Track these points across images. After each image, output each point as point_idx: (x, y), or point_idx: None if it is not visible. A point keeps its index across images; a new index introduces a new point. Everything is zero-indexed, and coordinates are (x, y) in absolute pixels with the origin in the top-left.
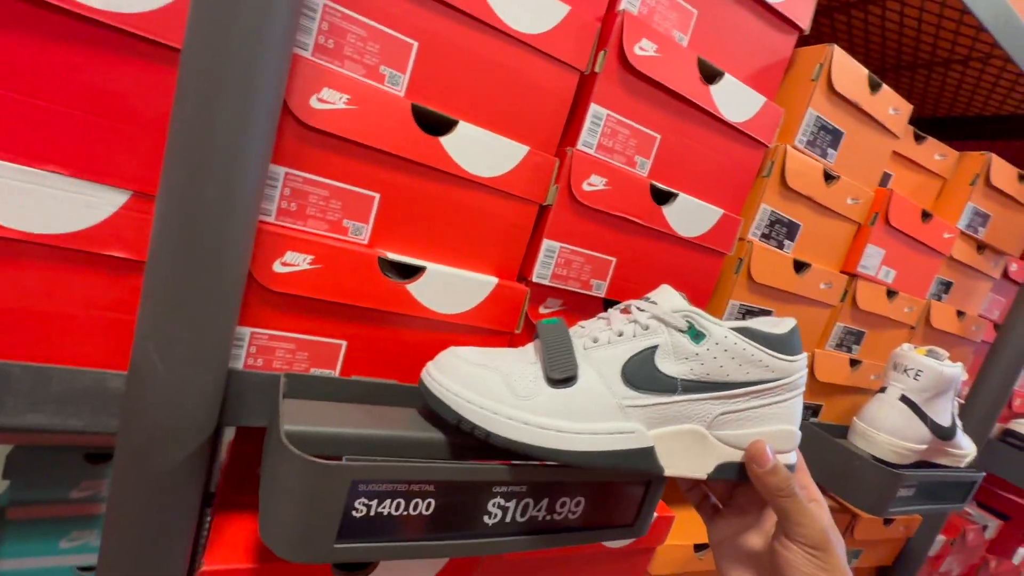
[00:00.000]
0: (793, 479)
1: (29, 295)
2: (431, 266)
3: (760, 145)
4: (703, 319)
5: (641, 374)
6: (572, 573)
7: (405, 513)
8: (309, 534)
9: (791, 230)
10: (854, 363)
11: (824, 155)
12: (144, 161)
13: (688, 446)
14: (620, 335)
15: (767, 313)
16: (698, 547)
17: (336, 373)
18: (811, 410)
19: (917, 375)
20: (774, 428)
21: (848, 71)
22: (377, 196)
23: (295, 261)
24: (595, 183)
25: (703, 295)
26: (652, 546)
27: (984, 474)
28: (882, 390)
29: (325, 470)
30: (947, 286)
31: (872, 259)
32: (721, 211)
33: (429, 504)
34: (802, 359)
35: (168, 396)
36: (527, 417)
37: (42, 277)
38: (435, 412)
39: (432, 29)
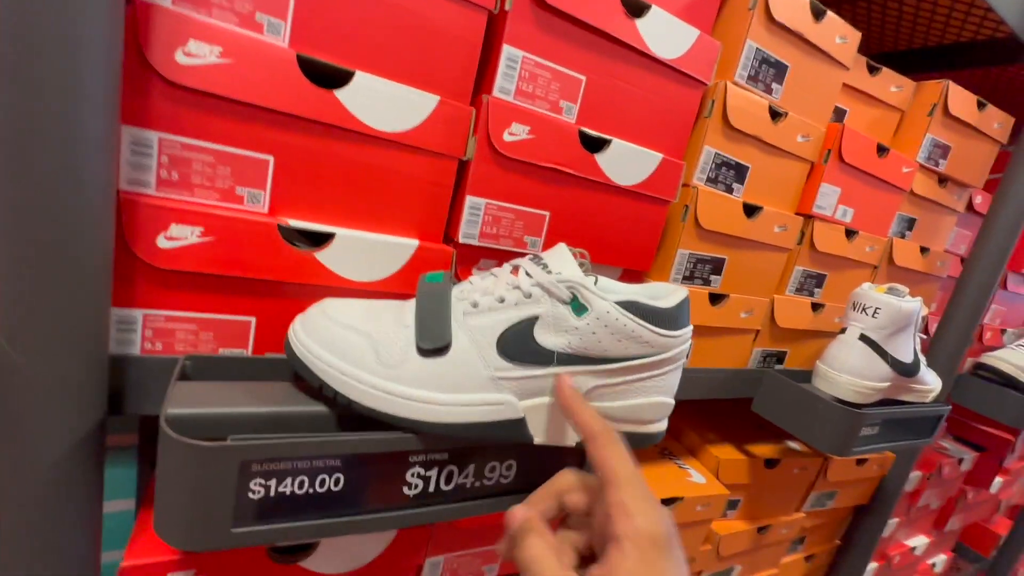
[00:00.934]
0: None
1: None
2: (341, 231)
3: (698, 83)
4: (588, 291)
5: (517, 345)
6: None
7: (311, 491)
8: (203, 521)
9: (739, 172)
10: (816, 307)
11: (769, 90)
12: None
13: (559, 416)
14: (501, 301)
15: (720, 262)
16: (667, 501)
17: (249, 352)
18: (775, 357)
19: (875, 313)
20: (648, 400)
21: None
22: (271, 159)
23: (181, 235)
24: (517, 132)
25: (649, 246)
26: None
27: (949, 407)
28: (842, 331)
29: (207, 452)
30: (910, 223)
31: (828, 198)
32: (661, 156)
33: (338, 480)
34: (686, 332)
35: (36, 390)
36: (391, 387)
37: None
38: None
39: None
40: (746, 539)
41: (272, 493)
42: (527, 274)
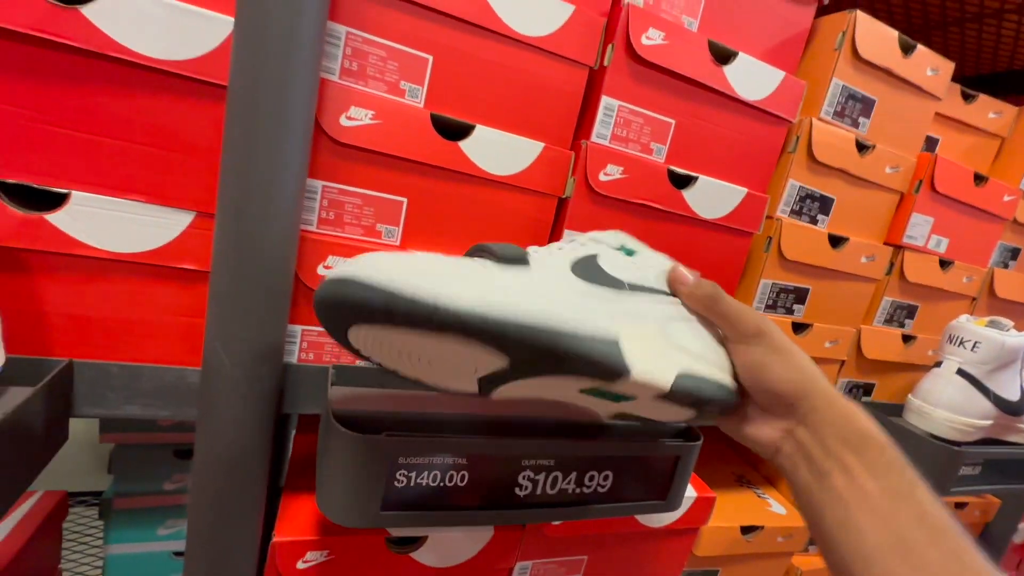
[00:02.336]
0: (717, 286)
1: (119, 305)
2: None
3: (782, 121)
4: (634, 242)
5: (589, 271)
6: (618, 554)
7: (441, 485)
8: (358, 502)
9: (824, 204)
10: (907, 339)
11: (856, 124)
12: (204, 185)
13: (650, 346)
14: (560, 249)
15: (803, 292)
16: (745, 529)
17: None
18: (862, 389)
19: (975, 347)
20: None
21: (875, 35)
22: (405, 201)
23: (335, 264)
24: (611, 173)
25: (732, 275)
26: (695, 526)
27: None
28: (937, 364)
29: (369, 443)
30: (1014, 252)
31: (919, 228)
32: (745, 190)
33: (463, 476)
34: None
35: (234, 386)
36: (482, 290)
37: (129, 289)
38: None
39: (445, 43)
40: None
41: (412, 483)
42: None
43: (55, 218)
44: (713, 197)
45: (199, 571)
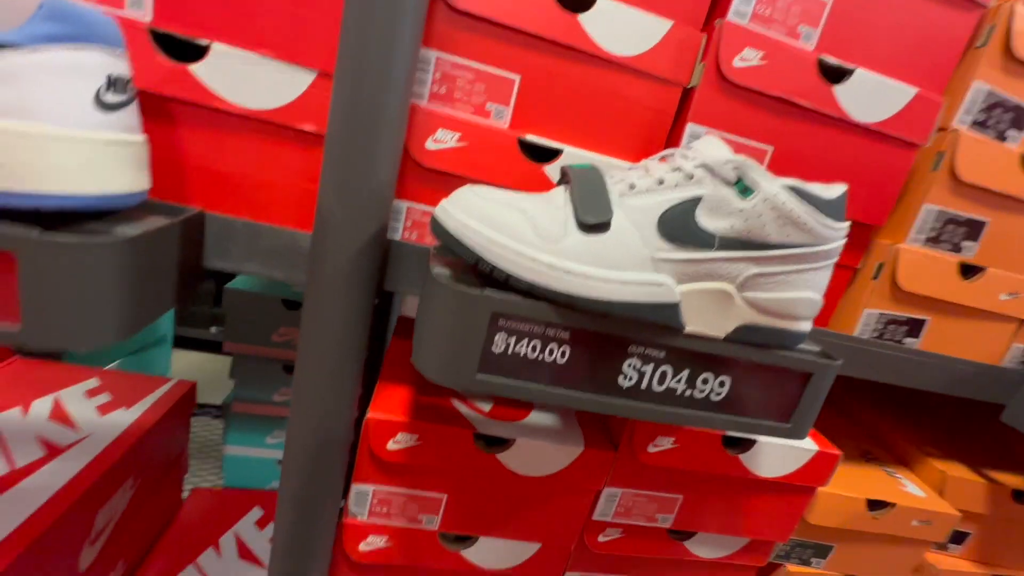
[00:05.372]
0: None
1: (246, 162)
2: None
3: (975, 5)
4: (755, 173)
5: (678, 227)
6: (717, 502)
7: (540, 357)
8: (455, 361)
9: (1019, 117)
10: None
11: None
12: (327, 43)
13: (713, 305)
14: (660, 183)
15: (978, 225)
16: (873, 504)
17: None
18: None
19: None
20: (800, 295)
21: None
22: (517, 79)
23: (444, 138)
24: (748, 58)
25: (887, 197)
26: (811, 485)
27: None
28: None
29: (469, 298)
30: None
31: None
32: (914, 90)
33: (564, 352)
34: (845, 228)
35: (343, 243)
36: (552, 261)
37: (255, 147)
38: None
39: None
40: None
41: (510, 351)
42: (684, 157)
43: (196, 69)
44: (872, 96)
45: (304, 425)
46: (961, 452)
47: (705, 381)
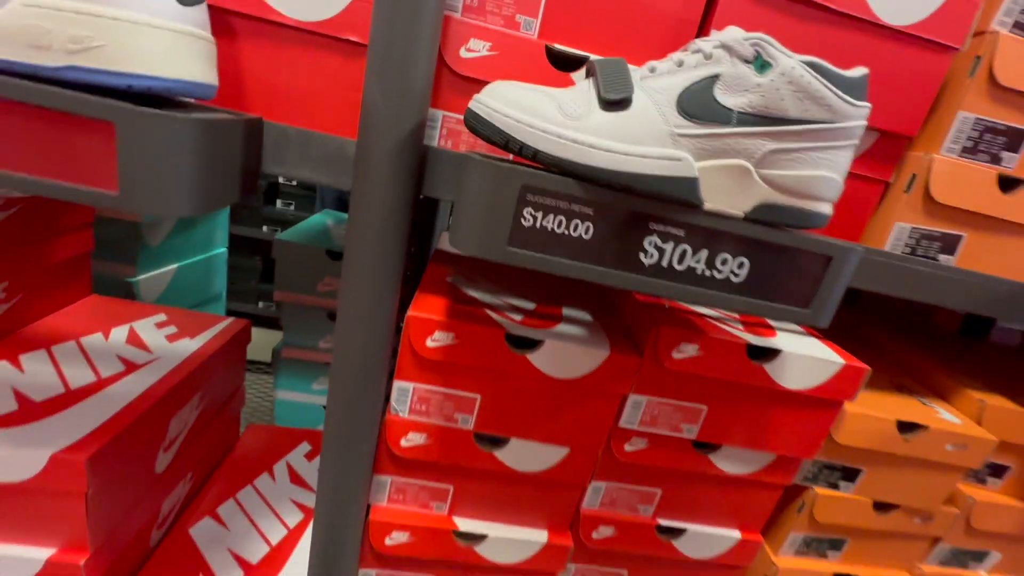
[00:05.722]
0: None
1: (297, 73)
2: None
3: None
4: (773, 48)
5: (697, 103)
6: (741, 411)
7: (566, 232)
8: (488, 234)
9: None
10: None
11: None
12: None
13: (731, 182)
14: (680, 65)
15: (1019, 134)
16: (904, 427)
17: None
18: None
19: None
20: (819, 173)
21: None
22: None
23: (476, 47)
24: None
25: (919, 105)
26: (838, 398)
27: None
28: None
29: (500, 171)
30: None
31: None
32: None
33: (588, 228)
34: (866, 109)
35: (385, 144)
36: (576, 135)
37: (305, 58)
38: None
39: None
40: (1012, 518)
41: (538, 225)
42: (705, 41)
43: None
44: None
45: (352, 319)
46: (1001, 387)
47: (724, 262)
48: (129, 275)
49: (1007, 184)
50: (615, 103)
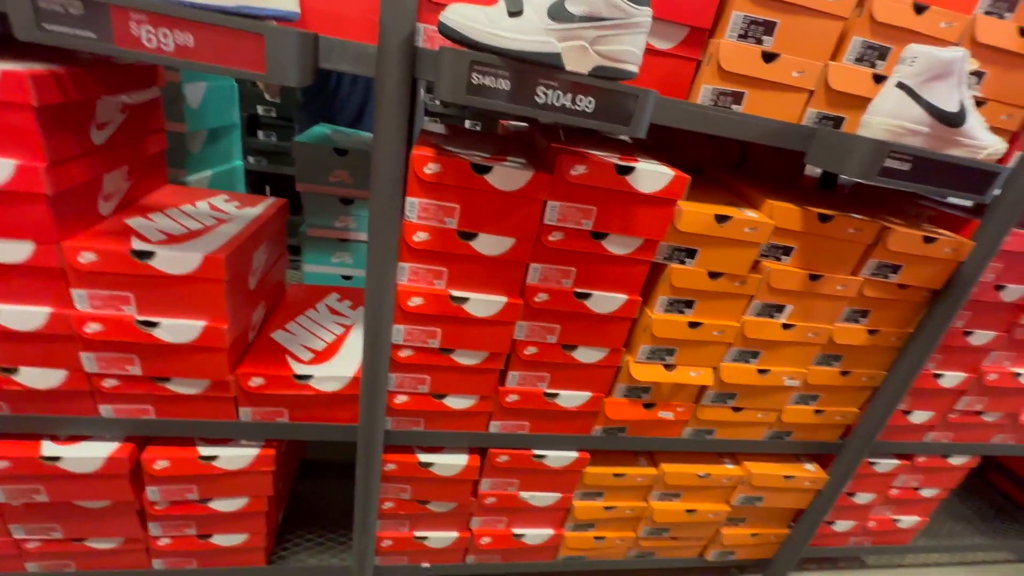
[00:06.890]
0: None
1: (338, 2)
2: None
3: None
4: None
5: (556, 11)
6: (619, 212)
7: (496, 86)
8: (456, 88)
9: None
10: (880, 79)
11: None
12: None
13: (578, 55)
14: None
15: (771, 24)
16: (720, 218)
17: None
18: (832, 121)
19: (912, 61)
20: (625, 47)
21: None
22: None
23: None
24: None
25: (710, 5)
26: (672, 198)
27: (1004, 167)
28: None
29: (460, 54)
30: (1011, 3)
31: None
32: None
33: (507, 83)
34: (648, 10)
35: (394, 44)
36: (496, 31)
37: None
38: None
39: None
40: (797, 280)
41: (481, 82)
42: None
43: None
44: None
45: (382, 149)
46: (793, 199)
47: (580, 100)
48: (181, 176)
49: (768, 57)
50: (514, 13)
